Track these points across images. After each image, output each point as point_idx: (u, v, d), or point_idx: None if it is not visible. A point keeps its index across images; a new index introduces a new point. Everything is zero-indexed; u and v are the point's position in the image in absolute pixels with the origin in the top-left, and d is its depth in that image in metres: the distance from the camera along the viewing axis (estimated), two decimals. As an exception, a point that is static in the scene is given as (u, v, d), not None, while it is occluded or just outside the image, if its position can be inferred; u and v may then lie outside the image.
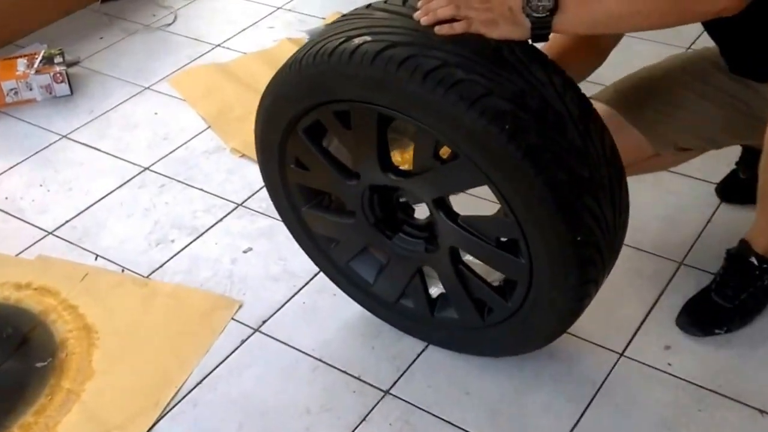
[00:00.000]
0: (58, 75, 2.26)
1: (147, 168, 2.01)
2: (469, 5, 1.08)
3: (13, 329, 1.58)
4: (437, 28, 1.09)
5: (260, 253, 1.73)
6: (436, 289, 1.43)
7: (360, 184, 1.31)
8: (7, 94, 2.23)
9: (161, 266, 1.72)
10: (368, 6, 1.21)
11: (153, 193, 1.94)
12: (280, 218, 1.51)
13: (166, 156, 2.04)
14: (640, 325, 1.47)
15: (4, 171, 2.03)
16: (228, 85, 2.27)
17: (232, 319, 1.58)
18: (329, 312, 1.58)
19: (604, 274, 1.24)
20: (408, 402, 1.39)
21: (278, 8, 2.65)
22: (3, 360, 1.52)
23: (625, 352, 1.43)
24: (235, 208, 1.87)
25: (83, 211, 1.90)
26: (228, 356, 1.51)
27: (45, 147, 2.11)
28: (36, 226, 1.85)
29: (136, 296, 1.66)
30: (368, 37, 1.12)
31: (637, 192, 1.20)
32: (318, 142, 1.31)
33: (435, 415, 1.36)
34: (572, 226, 1.12)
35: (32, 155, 2.08)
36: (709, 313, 1.44)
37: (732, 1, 1.03)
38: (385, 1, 1.20)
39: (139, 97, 2.28)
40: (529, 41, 1.11)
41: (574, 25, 1.10)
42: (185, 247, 1.77)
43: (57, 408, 1.44)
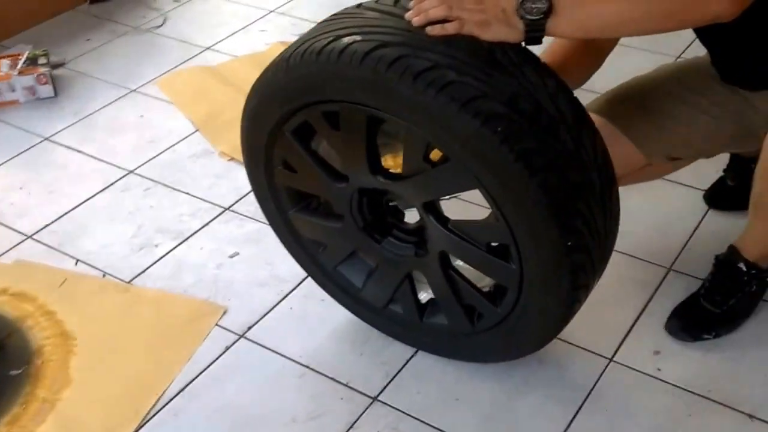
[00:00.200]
0: (42, 76, 2.21)
1: (131, 171, 1.97)
2: (462, 6, 1.06)
3: (-11, 336, 1.54)
4: (429, 29, 1.06)
5: (247, 258, 1.70)
6: (425, 294, 1.40)
7: (349, 187, 1.27)
8: (-11, 96, 2.20)
9: (144, 271, 1.68)
10: (359, 5, 1.18)
11: (137, 196, 1.89)
12: (267, 223, 1.48)
13: (151, 159, 2.00)
14: (629, 331, 1.46)
15: (-16, 173, 2.00)
16: (217, 88, 2.24)
17: (217, 325, 1.54)
18: (317, 318, 1.54)
19: (595, 280, 1.22)
20: (397, 409, 1.36)
21: (271, 12, 2.62)
22: (-23, 368, 1.48)
23: (614, 358, 1.42)
24: (222, 212, 1.83)
25: (64, 214, 1.85)
26: (211, 363, 1.47)
27: (26, 149, 2.06)
28: (14, 230, 1.80)
29: (117, 302, 1.62)
30: (358, 37, 1.09)
31: (626, 198, 1.20)
32: (306, 143, 1.28)
33: (424, 422, 1.34)
34: (563, 230, 1.10)
35: (13, 158, 2.03)
36: (698, 319, 1.43)
37: (726, 8, 1.02)
38: (376, 0, 1.17)
39: (125, 100, 2.24)
40: (523, 44, 1.08)
41: (568, 29, 1.07)
42: (169, 251, 1.73)
43: (31, 417, 1.38)
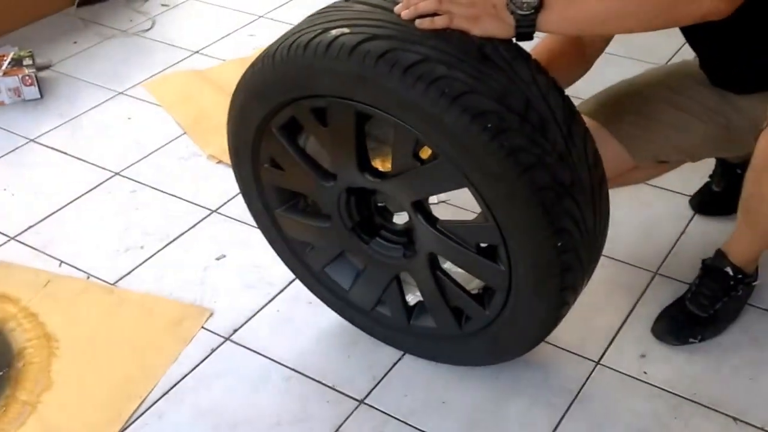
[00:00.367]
0: (27, 78, 2.17)
1: (117, 173, 1.94)
2: (452, 0, 1.05)
3: (-31, 338, 1.50)
4: (418, 22, 1.05)
5: (234, 261, 1.67)
6: (413, 296, 1.38)
7: (337, 185, 1.25)
8: (-26, 97, 2.16)
9: (129, 273, 1.65)
10: None
11: (123, 198, 1.86)
12: (254, 225, 1.46)
13: (138, 161, 1.97)
14: (616, 334, 1.46)
15: (-33, 174, 1.95)
16: (206, 92, 2.21)
17: (202, 327, 1.51)
18: (304, 321, 1.52)
19: (584, 282, 1.20)
20: (383, 412, 1.34)
21: (260, 17, 2.60)
22: (-44, 370, 1.44)
23: (601, 361, 1.41)
24: (209, 215, 1.80)
25: (48, 216, 1.81)
26: (197, 366, 1.44)
27: (10, 151, 2.02)
28: (-2, 231, 1.78)
29: (101, 304, 1.58)
30: (346, 30, 1.06)
31: (612, 203, 1.18)
32: (293, 140, 1.25)
33: (411, 425, 1.32)
34: (553, 231, 1.08)
35: (-3, 159, 2.01)
36: (684, 322, 1.43)
37: (718, 6, 1.01)
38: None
39: (112, 102, 2.21)
40: (513, 40, 1.07)
41: (559, 24, 1.06)
42: (155, 254, 1.70)
43: (11, 420, 1.34)
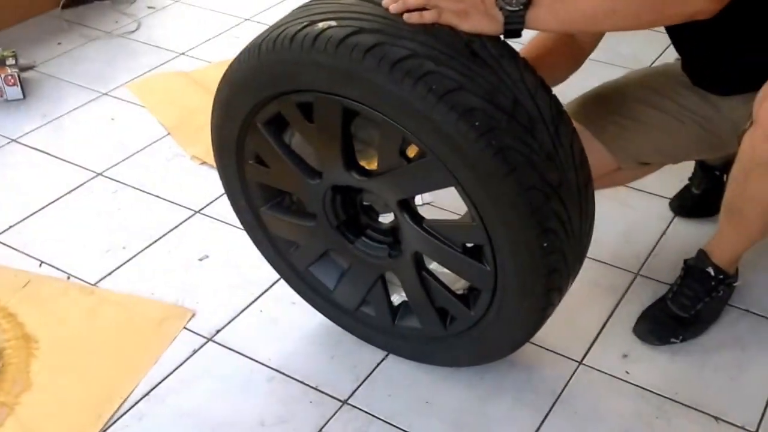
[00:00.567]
0: (10, 78, 2.12)
1: (100, 173, 1.90)
2: None
3: (-55, 338, 1.46)
4: (406, 16, 1.03)
5: (216, 261, 1.64)
6: (398, 296, 1.36)
7: (322, 183, 1.22)
8: (-45, 96, 2.11)
9: (110, 274, 1.61)
10: None
11: (105, 198, 1.82)
12: (238, 226, 1.44)
13: (120, 162, 1.94)
14: (598, 334, 1.45)
15: (-54, 173, 1.90)
16: (190, 93, 2.18)
17: (184, 328, 1.47)
18: (287, 321, 1.49)
19: (569, 283, 1.19)
20: (367, 412, 1.31)
21: (246, 20, 2.59)
22: (-69, 371, 1.41)
23: (584, 361, 1.40)
24: (192, 215, 1.77)
25: (29, 216, 1.77)
26: (178, 367, 1.40)
27: (-8, 150, 2.00)
28: (-23, 231, 1.73)
29: (82, 305, 1.54)
30: (333, 22, 1.04)
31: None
32: (279, 136, 1.22)
33: (394, 425, 1.29)
34: (540, 231, 1.06)
35: (-23, 158, 1.96)
36: (665, 322, 1.42)
37: (706, 4, 1.01)
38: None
39: (95, 103, 2.17)
40: (501, 37, 1.06)
41: (547, 21, 1.05)
42: (137, 254, 1.66)
43: (-13, 422, 1.33)
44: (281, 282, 1.52)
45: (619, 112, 1.38)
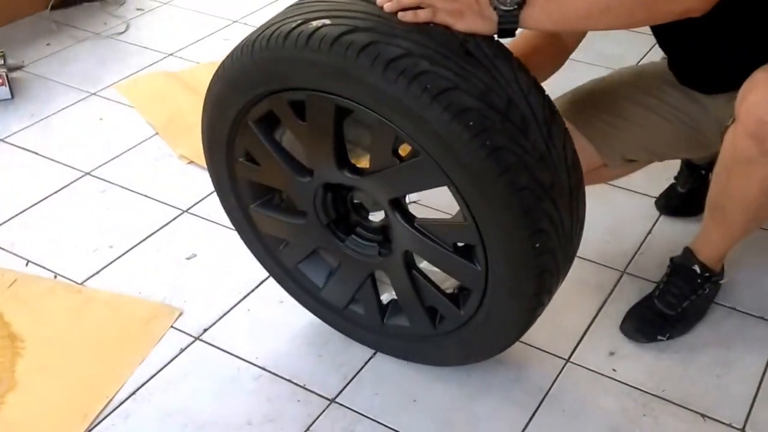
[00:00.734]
0: None
1: (88, 173, 1.88)
2: None
3: (-71, 337, 1.44)
4: (400, 14, 1.02)
5: (204, 260, 1.62)
6: (387, 295, 1.35)
7: (313, 181, 1.21)
8: (-58, 96, 2.08)
9: (97, 273, 1.59)
10: None
11: (93, 198, 1.80)
12: (226, 225, 1.44)
13: (109, 161, 1.91)
14: (585, 332, 1.44)
15: (-68, 172, 1.86)
16: (179, 93, 2.16)
17: (172, 327, 1.45)
18: (275, 320, 1.47)
19: (559, 283, 1.18)
20: (354, 410, 1.30)
21: (234, 21, 2.58)
22: None
23: (571, 359, 1.39)
24: (180, 215, 1.75)
25: (16, 215, 1.74)
26: (165, 366, 1.38)
27: (-22, 149, 1.97)
28: (-38, 230, 1.69)
29: (69, 304, 1.52)
30: (327, 21, 1.02)
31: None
32: (270, 134, 1.21)
33: (382, 424, 1.28)
34: (532, 232, 1.05)
35: (-36, 158, 1.93)
36: (652, 320, 1.42)
37: (698, 1, 1.01)
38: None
39: (84, 103, 2.15)
40: (495, 36, 1.05)
41: (542, 21, 1.04)
42: (124, 253, 1.64)
43: (-29, 422, 1.31)
44: (269, 281, 1.50)
45: (605, 109, 1.38)
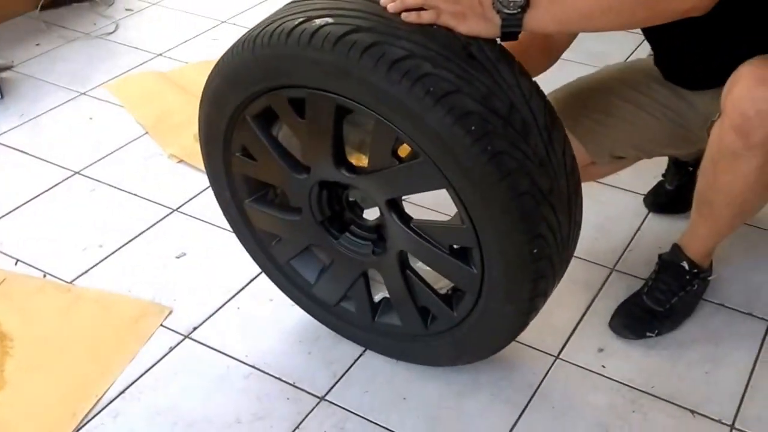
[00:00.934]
0: None
1: (77, 172, 1.86)
2: None
3: None
4: (404, 15, 1.01)
5: (194, 259, 1.60)
6: (379, 293, 1.33)
7: (309, 178, 1.19)
8: (-70, 95, 2.09)
9: (87, 271, 1.57)
10: None
11: (82, 197, 1.78)
12: (216, 224, 1.43)
13: (98, 161, 1.89)
14: (574, 329, 1.44)
15: None
16: (169, 93, 2.15)
17: (161, 325, 1.44)
18: (265, 318, 1.46)
19: (553, 287, 1.17)
20: (344, 408, 1.29)
21: (223, 22, 2.56)
22: None
23: (560, 355, 1.39)
24: (170, 213, 1.74)
25: (5, 214, 1.72)
26: (155, 364, 1.37)
27: (-32, 149, 1.95)
28: (-48, 229, 1.68)
29: (58, 302, 1.50)
30: (330, 19, 1.01)
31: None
32: (267, 130, 1.19)
33: (372, 421, 1.27)
34: (530, 237, 1.04)
35: (-47, 157, 1.90)
36: (641, 317, 1.41)
37: (700, 1, 1.01)
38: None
39: (73, 102, 2.13)
40: (498, 40, 1.03)
41: (545, 23, 1.03)
42: (114, 252, 1.62)
43: (-42, 421, 1.30)
44: (258, 279, 1.49)
45: (593, 107, 1.38)
